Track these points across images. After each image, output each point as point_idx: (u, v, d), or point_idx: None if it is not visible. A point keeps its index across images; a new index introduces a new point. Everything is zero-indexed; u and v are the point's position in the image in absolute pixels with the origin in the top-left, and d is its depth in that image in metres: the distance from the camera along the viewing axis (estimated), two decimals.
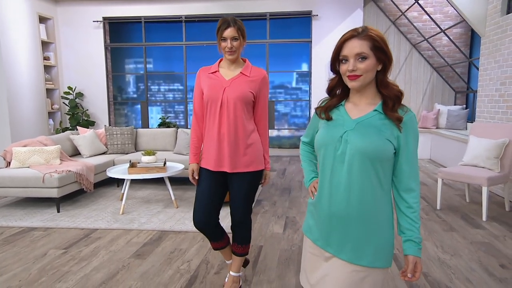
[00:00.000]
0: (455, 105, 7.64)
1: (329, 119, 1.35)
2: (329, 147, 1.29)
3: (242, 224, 2.23)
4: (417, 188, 1.28)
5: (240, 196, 2.15)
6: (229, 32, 1.99)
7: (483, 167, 3.94)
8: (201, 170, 2.19)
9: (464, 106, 7.39)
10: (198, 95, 2.16)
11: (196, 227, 2.18)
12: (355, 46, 1.22)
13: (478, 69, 5.45)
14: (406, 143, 1.26)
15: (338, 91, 1.38)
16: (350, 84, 1.25)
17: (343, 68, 1.26)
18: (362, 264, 1.26)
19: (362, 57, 1.21)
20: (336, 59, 1.30)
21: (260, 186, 2.27)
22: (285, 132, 8.28)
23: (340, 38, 1.25)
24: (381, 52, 1.22)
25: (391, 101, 1.25)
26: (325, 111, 1.37)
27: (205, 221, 2.15)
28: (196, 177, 2.21)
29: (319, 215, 1.35)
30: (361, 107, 1.30)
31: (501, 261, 2.83)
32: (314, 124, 1.47)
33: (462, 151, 5.51)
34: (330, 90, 1.39)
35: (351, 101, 1.34)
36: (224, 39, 2.01)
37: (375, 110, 1.28)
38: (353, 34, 1.23)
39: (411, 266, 1.25)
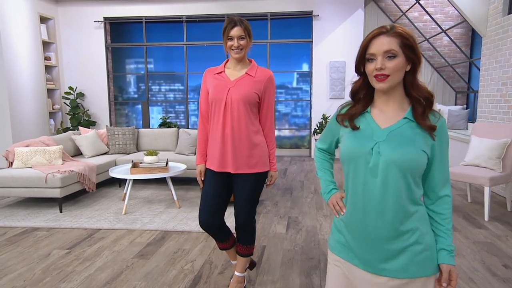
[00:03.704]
0: (455, 105, 7.65)
1: (355, 128, 1.24)
2: (360, 160, 1.20)
3: (246, 225, 2.23)
4: (449, 194, 1.23)
5: (244, 197, 2.16)
6: (235, 31, 2.00)
7: (485, 167, 3.95)
8: (206, 171, 2.20)
9: (465, 106, 7.40)
10: (204, 96, 2.17)
11: (202, 228, 2.19)
12: (384, 43, 1.13)
13: (479, 69, 5.46)
14: (440, 151, 1.20)
15: (362, 95, 1.27)
16: (378, 85, 1.16)
17: (370, 67, 1.16)
18: (408, 276, 1.17)
19: (391, 55, 1.13)
20: (362, 59, 1.20)
21: (265, 186, 2.27)
22: (286, 132, 8.29)
23: (367, 36, 1.17)
24: (410, 50, 1.14)
25: (420, 106, 1.17)
26: (350, 119, 1.26)
27: (210, 222, 2.16)
28: (203, 178, 2.21)
29: (353, 233, 1.24)
30: (389, 114, 1.21)
31: (504, 261, 2.84)
32: (333, 131, 1.36)
33: (463, 151, 5.52)
34: (354, 94, 1.29)
35: (377, 106, 1.24)
36: (231, 38, 2.02)
37: (405, 118, 1.19)
38: (381, 31, 1.15)
39: (445, 276, 1.18)
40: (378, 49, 1.14)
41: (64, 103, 7.83)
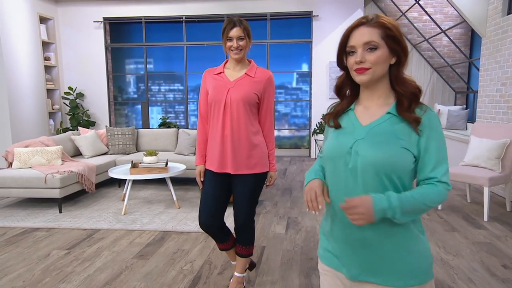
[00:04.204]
0: (455, 105, 7.66)
1: (338, 126, 1.17)
2: (339, 161, 1.11)
3: (246, 226, 2.23)
4: (440, 178, 1.05)
5: (244, 198, 2.16)
6: (235, 32, 2.00)
7: (484, 168, 3.95)
8: (206, 172, 2.20)
9: (464, 106, 7.41)
10: (203, 96, 2.17)
11: (202, 229, 2.19)
12: (364, 35, 1.05)
13: (478, 69, 5.47)
14: (426, 149, 1.06)
15: (348, 92, 1.20)
16: (358, 78, 1.08)
17: (351, 61, 1.08)
18: (396, 285, 1.08)
19: (371, 47, 1.05)
20: (343, 52, 1.12)
21: (264, 187, 2.28)
22: (286, 133, 8.30)
23: (348, 27, 1.09)
24: (394, 41, 1.05)
25: (406, 100, 1.07)
26: (334, 117, 1.19)
27: (210, 223, 2.16)
28: (202, 179, 2.21)
29: (337, 241, 1.16)
30: (372, 110, 1.12)
31: (503, 261, 2.84)
32: (326, 135, 1.26)
33: (463, 151, 5.52)
34: (339, 90, 1.20)
35: (362, 103, 1.16)
36: (230, 39, 2.02)
37: (389, 113, 1.09)
38: (361, 22, 1.07)
39: (356, 201, 1.01)
40: (357, 41, 1.06)
41: (64, 103, 7.83)
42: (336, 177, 1.13)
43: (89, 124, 7.64)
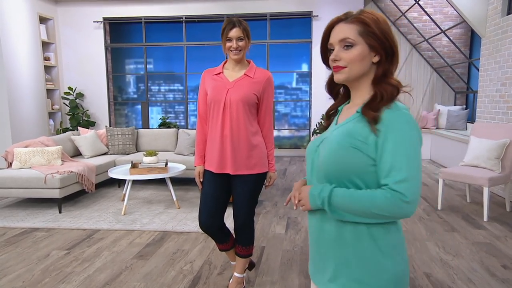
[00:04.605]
0: (455, 105, 7.66)
1: (326, 126, 1.14)
2: (308, 159, 1.10)
3: (245, 226, 2.23)
4: (392, 186, 0.92)
5: (243, 198, 2.15)
6: (234, 32, 2.00)
7: (484, 168, 3.95)
8: (205, 172, 2.20)
9: (464, 106, 7.41)
10: (202, 97, 2.17)
11: (202, 229, 2.19)
12: (339, 32, 1.00)
13: (478, 69, 5.47)
14: (381, 150, 0.94)
15: (342, 90, 1.16)
16: (335, 76, 1.04)
17: (330, 58, 1.04)
18: None
19: (347, 44, 0.99)
20: (325, 49, 1.09)
21: (264, 187, 2.28)
22: (285, 133, 8.30)
23: (328, 24, 1.05)
24: (374, 38, 0.98)
25: (378, 98, 0.98)
26: (326, 118, 1.17)
27: (210, 223, 2.16)
28: (201, 180, 2.21)
29: (310, 247, 1.14)
30: (351, 110, 1.07)
31: (503, 261, 2.85)
32: None
33: (462, 151, 5.53)
34: (330, 89, 1.16)
35: (351, 102, 1.11)
36: (230, 40, 2.02)
37: (357, 112, 1.02)
38: (340, 18, 1.02)
39: (302, 188, 1.05)
40: (334, 38, 1.02)
41: (64, 103, 7.83)
42: (307, 176, 1.13)
43: (89, 124, 7.64)
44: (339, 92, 1.16)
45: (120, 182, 5.24)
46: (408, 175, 0.91)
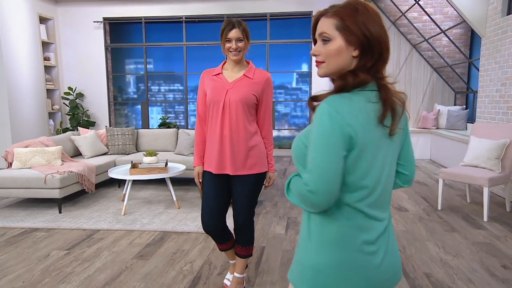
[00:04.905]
0: (455, 105, 7.66)
1: None
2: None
3: (245, 226, 2.23)
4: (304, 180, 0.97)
5: (243, 198, 2.15)
6: (234, 33, 2.00)
7: (484, 168, 3.95)
8: (205, 173, 2.19)
9: (464, 106, 7.41)
10: (201, 97, 2.17)
11: (204, 230, 2.19)
12: (320, 26, 1.01)
13: (478, 69, 5.47)
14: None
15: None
16: (317, 71, 1.05)
17: (311, 53, 1.06)
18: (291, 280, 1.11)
19: (324, 38, 0.99)
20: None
21: (263, 188, 2.28)
22: (285, 133, 8.30)
23: (313, 18, 1.06)
24: (349, 32, 0.96)
25: (330, 89, 1.02)
26: None
27: (213, 225, 2.16)
28: (201, 180, 2.21)
29: None
30: None
31: (503, 261, 2.85)
32: None
33: (462, 151, 5.53)
34: (332, 80, 1.12)
35: None
36: (229, 40, 2.01)
37: None
38: (321, 13, 1.02)
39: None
40: (316, 33, 1.03)
41: (64, 103, 7.83)
42: None
43: (89, 124, 7.64)
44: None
45: (120, 182, 5.24)
46: (311, 166, 0.96)
